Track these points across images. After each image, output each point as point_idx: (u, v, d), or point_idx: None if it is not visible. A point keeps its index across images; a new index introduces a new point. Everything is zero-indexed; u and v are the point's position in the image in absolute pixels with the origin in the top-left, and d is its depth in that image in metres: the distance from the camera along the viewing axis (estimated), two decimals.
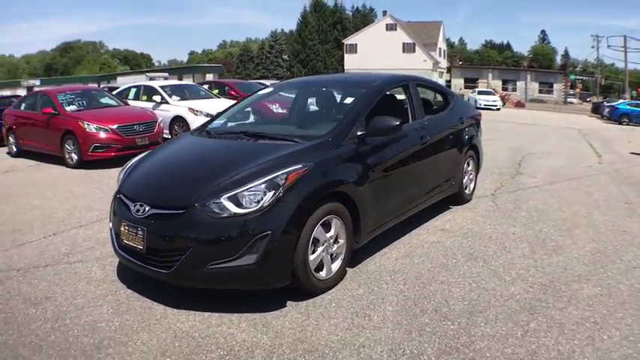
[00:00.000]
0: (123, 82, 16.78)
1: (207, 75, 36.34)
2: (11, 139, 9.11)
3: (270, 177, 2.72)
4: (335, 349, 2.37)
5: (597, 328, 2.56)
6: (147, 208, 2.84)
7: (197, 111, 9.56)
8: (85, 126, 7.44)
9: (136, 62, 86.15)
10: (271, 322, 2.64)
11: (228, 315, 2.73)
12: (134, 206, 2.91)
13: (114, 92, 11.62)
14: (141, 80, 17.66)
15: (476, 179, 5.42)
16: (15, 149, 9.01)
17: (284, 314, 2.73)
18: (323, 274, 2.98)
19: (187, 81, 21.18)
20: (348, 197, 3.08)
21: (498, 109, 29.31)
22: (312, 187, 2.81)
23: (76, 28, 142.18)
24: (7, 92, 22.71)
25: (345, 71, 45.13)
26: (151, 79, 21.31)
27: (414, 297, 2.93)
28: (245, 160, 2.95)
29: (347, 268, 3.33)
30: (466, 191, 5.16)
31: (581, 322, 2.62)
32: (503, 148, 9.72)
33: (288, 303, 2.86)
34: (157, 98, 10.75)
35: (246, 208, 2.64)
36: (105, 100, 9.10)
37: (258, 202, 2.65)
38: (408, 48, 47.57)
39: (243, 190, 2.68)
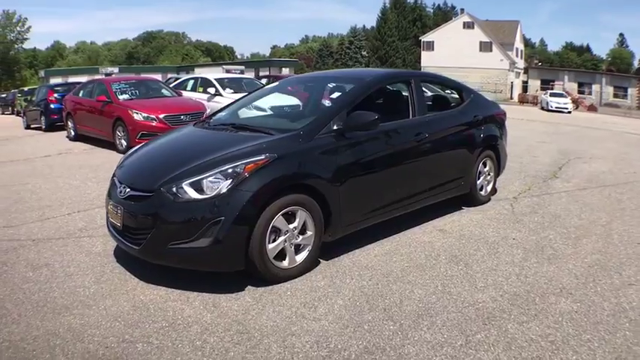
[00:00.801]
0: (200, 73, 17.98)
1: (284, 69, 37.29)
2: (70, 124, 10.02)
3: (229, 166, 2.85)
4: (265, 333, 2.44)
5: (552, 348, 2.31)
6: (127, 190, 3.11)
7: None
8: (134, 114, 8.08)
9: (219, 54, 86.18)
10: (221, 303, 2.78)
11: (188, 292, 2.90)
12: (119, 187, 3.20)
13: (173, 84, 12.44)
14: (217, 72, 18.73)
15: (495, 181, 5.14)
16: (73, 133, 9.94)
17: (237, 297, 2.85)
18: (285, 263, 3.05)
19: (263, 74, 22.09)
20: (317, 190, 3.12)
21: (569, 112, 27.55)
22: (272, 177, 2.89)
23: (159, 19, 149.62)
24: (84, 78, 24.65)
25: (422, 68, 44.35)
26: (227, 71, 22.47)
27: (370, 294, 2.90)
28: (216, 150, 3.09)
29: (321, 260, 3.38)
30: (481, 192, 4.92)
31: (536, 339, 2.39)
32: (553, 150, 9.04)
33: (247, 288, 2.97)
34: (212, 90, 11.35)
35: (205, 194, 2.79)
36: (158, 91, 9.78)
37: (216, 189, 2.79)
38: (484, 47, 45.43)
39: (204, 177, 2.84)
